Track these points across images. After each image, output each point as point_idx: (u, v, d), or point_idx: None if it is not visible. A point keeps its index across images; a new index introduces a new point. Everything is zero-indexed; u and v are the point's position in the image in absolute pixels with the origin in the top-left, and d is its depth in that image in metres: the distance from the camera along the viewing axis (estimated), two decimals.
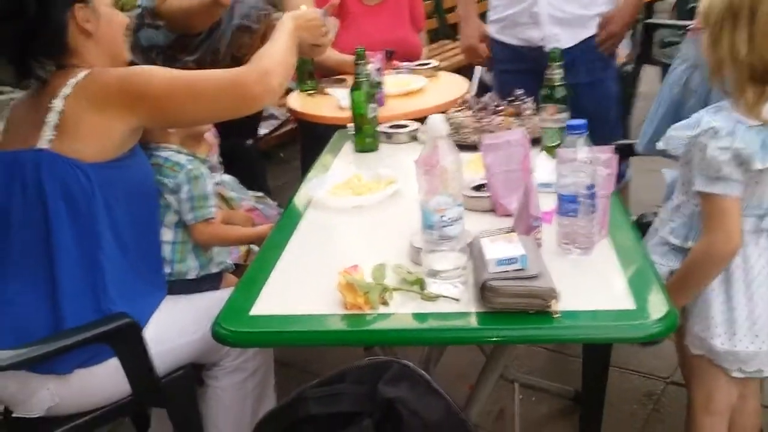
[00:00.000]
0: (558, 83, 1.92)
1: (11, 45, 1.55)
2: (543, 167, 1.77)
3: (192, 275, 1.87)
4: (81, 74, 1.54)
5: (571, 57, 2.37)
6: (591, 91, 2.46)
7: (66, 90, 1.51)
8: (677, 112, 1.98)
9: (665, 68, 3.76)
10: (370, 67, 2.43)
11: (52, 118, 1.51)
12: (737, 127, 1.43)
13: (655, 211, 1.81)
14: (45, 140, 1.51)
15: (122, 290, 1.57)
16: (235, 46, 2.48)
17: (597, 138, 2.23)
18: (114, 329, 1.50)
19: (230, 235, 1.99)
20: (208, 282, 1.91)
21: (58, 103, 1.51)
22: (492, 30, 2.64)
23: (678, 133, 1.52)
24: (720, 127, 1.44)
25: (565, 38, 2.44)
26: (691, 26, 1.59)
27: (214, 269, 1.94)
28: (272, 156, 4.23)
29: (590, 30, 2.47)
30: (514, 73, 2.54)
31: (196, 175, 1.85)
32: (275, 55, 1.69)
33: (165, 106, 1.58)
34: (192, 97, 1.60)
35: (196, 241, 1.87)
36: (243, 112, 1.68)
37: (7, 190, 1.53)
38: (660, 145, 1.55)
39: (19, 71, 1.59)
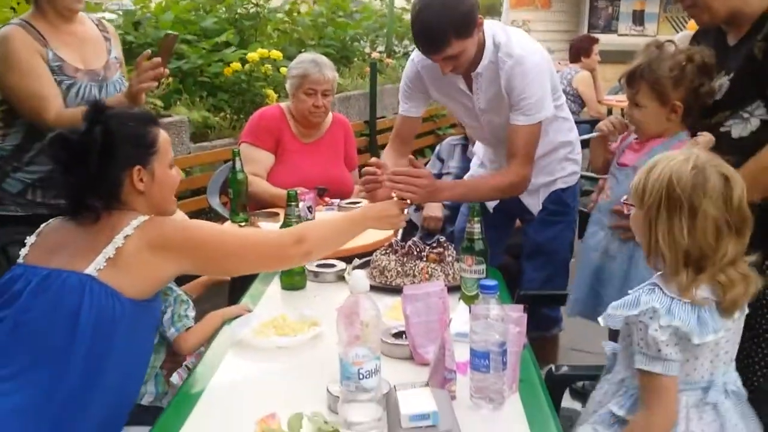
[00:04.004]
0: (477, 237, 2.04)
1: (70, 189, 1.70)
2: (461, 316, 1.85)
3: (145, 401, 1.87)
4: (142, 218, 1.68)
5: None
6: (547, 229, 2.71)
7: (128, 230, 1.64)
8: (597, 276, 2.12)
9: (581, 215, 4.01)
10: (302, 206, 2.53)
11: (109, 250, 1.62)
12: (674, 304, 1.47)
13: (572, 365, 1.88)
14: (93, 268, 1.60)
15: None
16: None
17: (549, 275, 2.55)
18: None
19: (206, 330, 2.02)
20: (151, 413, 1.88)
21: (119, 239, 1.63)
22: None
23: (617, 312, 1.54)
24: (658, 307, 1.47)
25: (533, 205, 2.72)
26: (623, 200, 1.68)
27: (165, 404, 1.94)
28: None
29: (554, 186, 2.69)
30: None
31: (183, 300, 1.99)
32: (320, 231, 1.92)
33: (216, 256, 1.75)
34: (240, 249, 1.78)
35: (181, 351, 1.93)
36: (273, 269, 2.05)
37: (35, 302, 1.59)
38: (601, 321, 1.59)
39: (73, 207, 1.70)
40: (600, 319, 1.59)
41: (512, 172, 2.48)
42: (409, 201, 2.19)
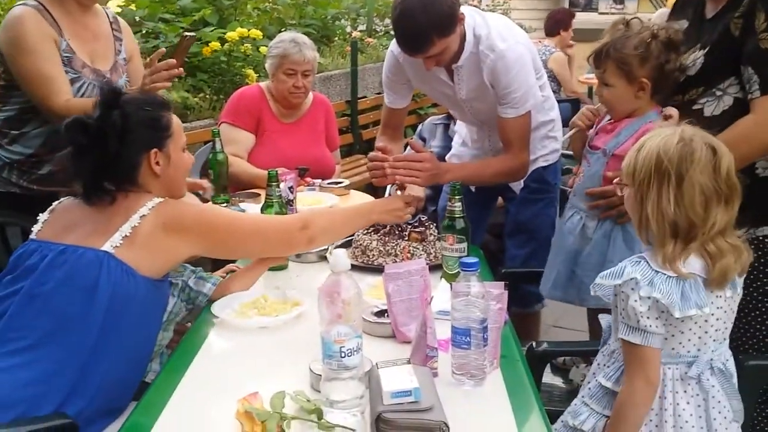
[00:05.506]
0: (458, 215, 2.05)
1: (87, 172, 1.72)
2: (442, 294, 1.85)
3: (149, 378, 1.86)
4: (157, 199, 1.73)
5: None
6: (529, 206, 2.72)
7: (144, 210, 1.69)
8: (575, 258, 2.12)
9: (562, 193, 4.03)
10: (283, 186, 2.52)
11: (125, 228, 1.67)
12: (656, 278, 1.48)
13: (552, 341, 1.90)
14: (110, 245, 1.65)
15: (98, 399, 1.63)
16: None
17: (531, 252, 2.60)
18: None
19: (256, 271, 2.06)
20: None
21: (135, 219, 1.68)
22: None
23: (605, 282, 1.56)
24: (640, 278, 1.49)
25: (514, 183, 2.71)
26: (615, 181, 1.69)
27: None
28: None
29: (535, 165, 2.68)
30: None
31: (201, 276, 2.01)
32: (325, 218, 2.01)
33: (227, 239, 1.83)
34: (250, 233, 1.87)
35: (233, 290, 1.97)
36: (279, 253, 2.04)
37: (51, 275, 1.63)
38: (593, 292, 1.60)
39: (88, 190, 1.74)
40: (591, 287, 1.61)
41: (512, 158, 2.51)
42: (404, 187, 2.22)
